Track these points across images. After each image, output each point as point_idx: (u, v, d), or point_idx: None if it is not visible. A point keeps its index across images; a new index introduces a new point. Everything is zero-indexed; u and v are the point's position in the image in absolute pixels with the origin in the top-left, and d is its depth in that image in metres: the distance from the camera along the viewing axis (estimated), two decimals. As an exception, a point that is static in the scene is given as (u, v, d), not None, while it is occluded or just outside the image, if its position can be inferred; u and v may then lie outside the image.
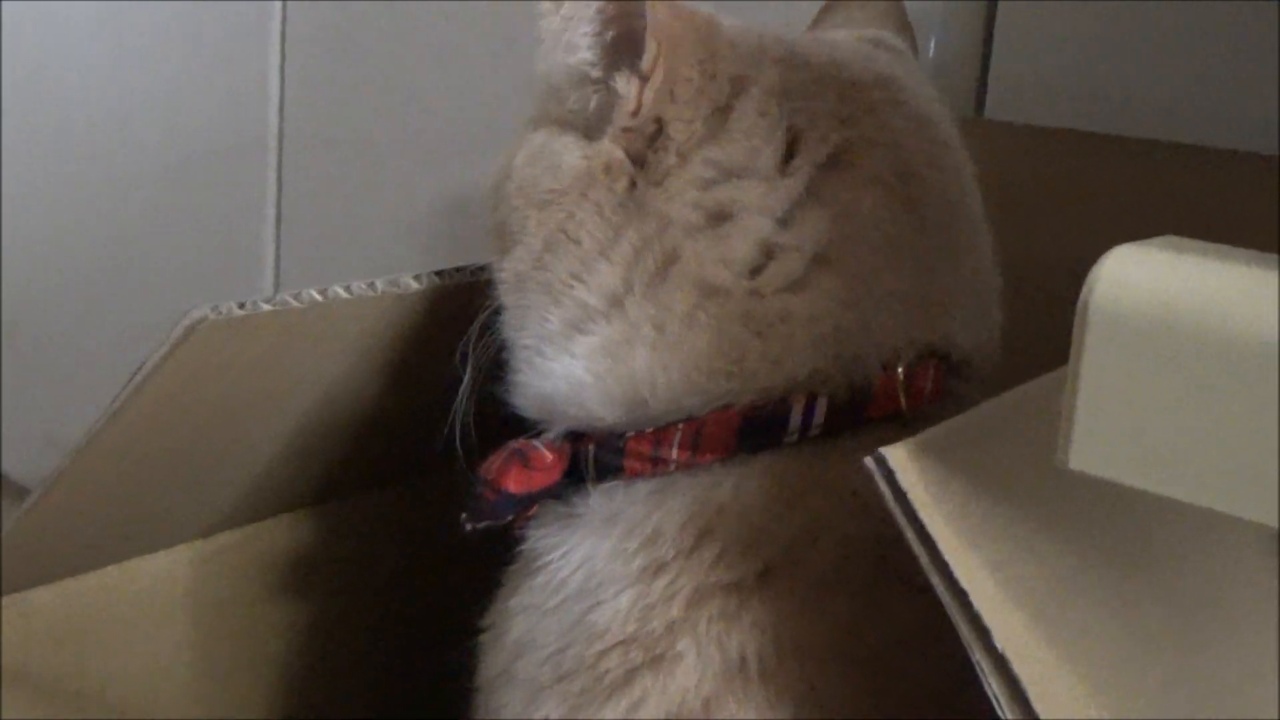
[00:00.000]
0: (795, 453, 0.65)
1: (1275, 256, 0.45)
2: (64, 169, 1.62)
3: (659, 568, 0.63)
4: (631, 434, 0.66)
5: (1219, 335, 0.42)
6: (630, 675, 0.62)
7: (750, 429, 0.65)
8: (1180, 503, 0.48)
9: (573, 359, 0.67)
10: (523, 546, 0.70)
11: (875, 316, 0.65)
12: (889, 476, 0.51)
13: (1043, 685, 0.49)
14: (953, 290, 0.68)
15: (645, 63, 0.65)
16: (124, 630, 0.81)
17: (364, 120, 1.33)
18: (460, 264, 0.77)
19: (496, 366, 0.71)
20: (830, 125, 0.67)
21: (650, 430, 0.65)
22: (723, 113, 0.66)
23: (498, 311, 0.71)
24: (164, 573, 0.83)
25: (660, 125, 0.66)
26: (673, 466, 0.65)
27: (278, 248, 1.41)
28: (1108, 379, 0.44)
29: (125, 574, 0.81)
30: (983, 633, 0.49)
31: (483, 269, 0.75)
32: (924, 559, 0.51)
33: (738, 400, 0.65)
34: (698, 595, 0.62)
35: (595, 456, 0.67)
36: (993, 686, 0.49)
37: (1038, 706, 0.48)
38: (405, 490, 0.91)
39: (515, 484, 0.68)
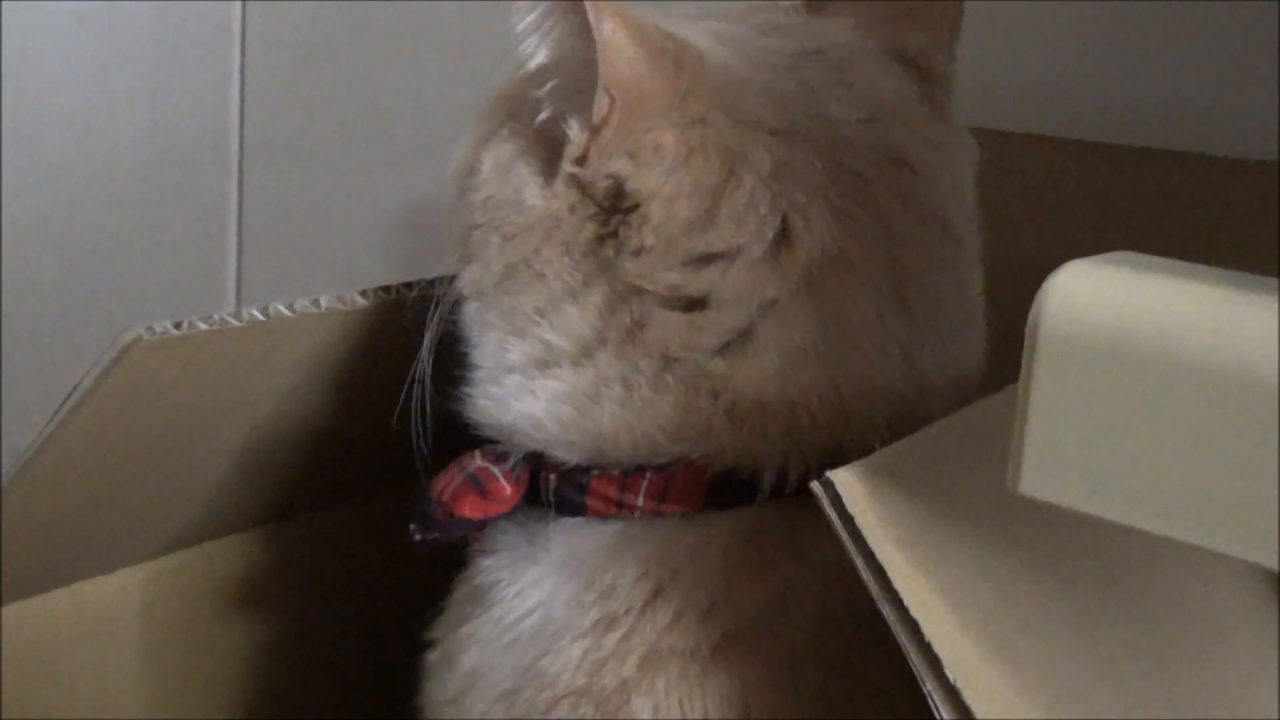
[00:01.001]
0: (766, 513, 0.61)
1: (1233, 274, 0.42)
2: (34, 170, 1.61)
3: (611, 622, 0.60)
4: (597, 473, 0.63)
5: (1174, 356, 0.40)
6: None
7: (721, 486, 0.61)
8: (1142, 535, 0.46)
9: (534, 399, 0.63)
10: (477, 570, 0.68)
11: (855, 407, 0.61)
12: (836, 502, 0.49)
13: (994, 712, 0.46)
14: (935, 372, 0.63)
15: (595, 116, 0.59)
16: (73, 655, 0.79)
17: (326, 124, 1.31)
18: (418, 272, 0.74)
19: (451, 378, 0.67)
20: (827, 224, 0.60)
21: (617, 473, 0.62)
22: (712, 195, 0.60)
23: (455, 307, 0.67)
24: (113, 596, 0.80)
25: (619, 185, 0.60)
26: (637, 514, 0.62)
27: (239, 250, 1.40)
28: (1059, 402, 0.41)
29: (74, 597, 0.79)
30: (934, 663, 0.47)
31: (433, 283, 0.72)
32: (874, 588, 0.48)
33: (707, 464, 0.61)
34: (652, 656, 0.59)
35: (557, 490, 0.64)
36: (941, 716, 0.46)
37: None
38: (356, 508, 0.89)
39: (470, 510, 0.65)
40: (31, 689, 0.78)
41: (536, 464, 0.65)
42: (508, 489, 0.65)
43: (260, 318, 0.67)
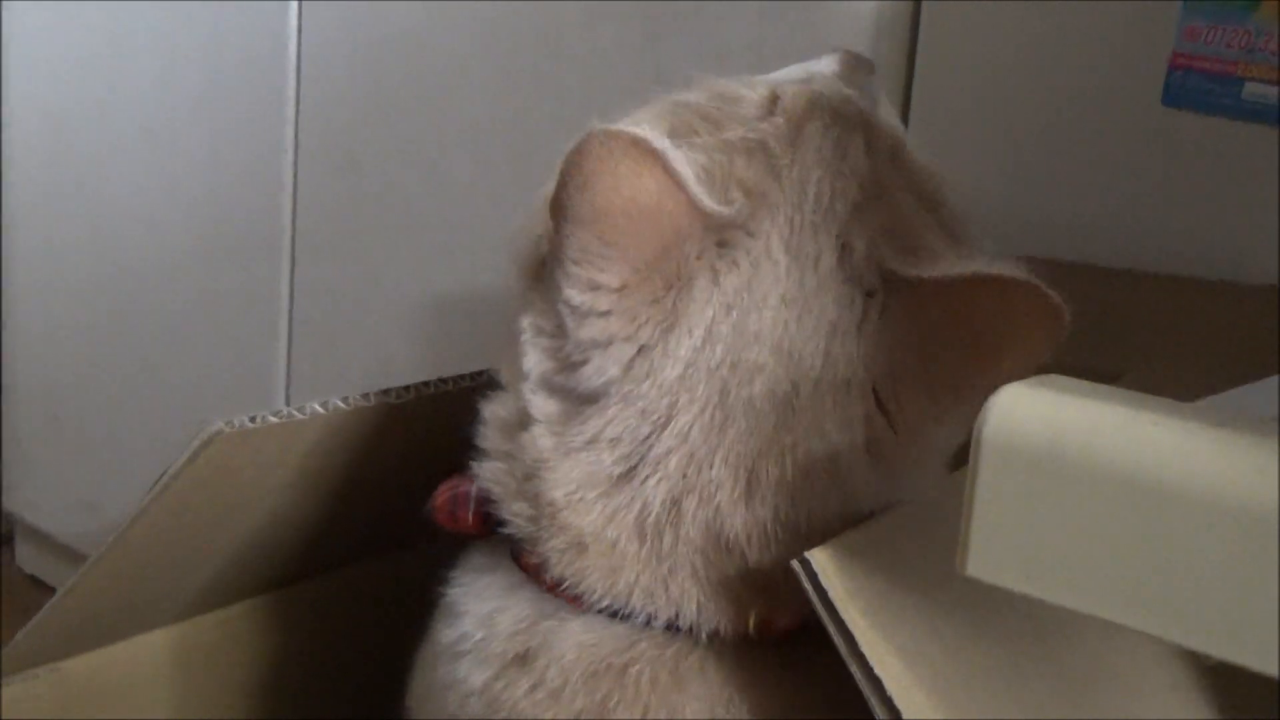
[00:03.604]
0: (640, 642, 0.60)
1: (1143, 395, 0.45)
2: (101, 265, 1.62)
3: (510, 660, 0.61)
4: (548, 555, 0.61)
5: (1091, 464, 0.43)
6: None
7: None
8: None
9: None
10: (447, 585, 0.67)
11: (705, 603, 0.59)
12: (812, 577, 0.52)
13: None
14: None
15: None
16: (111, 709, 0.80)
17: (366, 227, 1.32)
18: (440, 359, 0.76)
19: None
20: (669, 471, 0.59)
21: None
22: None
23: None
24: (146, 655, 0.81)
25: None
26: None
27: (290, 341, 1.40)
28: (998, 501, 0.44)
29: (114, 656, 0.80)
30: (894, 714, 0.49)
31: (447, 381, 0.75)
32: (843, 649, 0.51)
33: None
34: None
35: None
36: (902, 763, 0.49)
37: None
38: (358, 571, 0.89)
39: (446, 523, 0.66)
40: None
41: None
42: (470, 520, 0.65)
43: (320, 411, 0.69)
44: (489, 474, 0.63)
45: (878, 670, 0.50)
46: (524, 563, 0.62)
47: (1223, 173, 0.83)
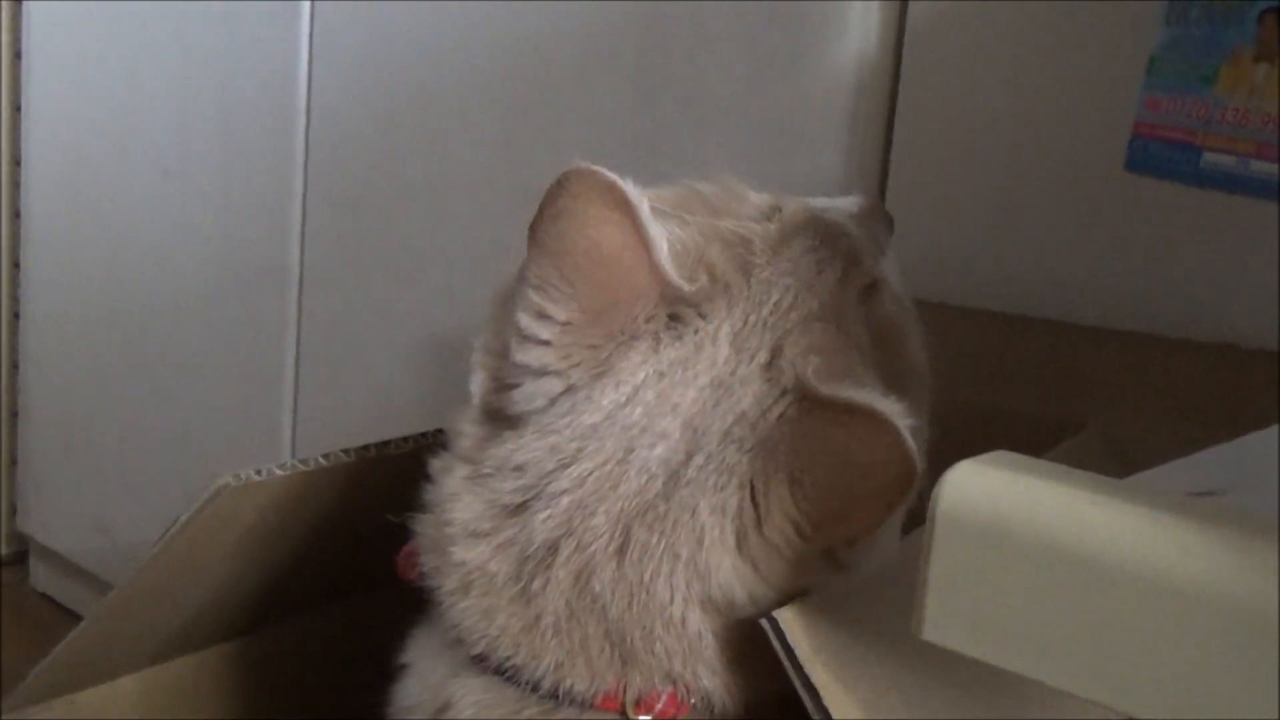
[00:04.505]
0: (529, 708, 0.61)
1: (1087, 474, 0.48)
2: (116, 298, 1.64)
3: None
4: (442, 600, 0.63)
5: (1036, 539, 0.45)
6: None
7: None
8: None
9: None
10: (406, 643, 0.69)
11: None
12: (779, 633, 0.54)
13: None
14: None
15: None
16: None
17: (370, 264, 1.35)
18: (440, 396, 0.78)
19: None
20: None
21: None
22: None
23: None
24: (112, 702, 0.81)
25: None
26: None
27: (296, 372, 1.42)
28: (950, 571, 0.46)
29: (71, 707, 0.80)
30: (856, 765, 0.51)
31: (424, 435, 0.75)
32: (808, 703, 0.53)
33: None
34: None
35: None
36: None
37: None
38: (323, 616, 0.90)
39: (406, 577, 0.67)
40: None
41: None
42: (415, 575, 0.66)
43: (324, 463, 0.72)
44: (420, 526, 0.65)
45: (839, 722, 0.52)
46: (446, 621, 0.64)
47: (1181, 234, 0.85)
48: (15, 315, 1.83)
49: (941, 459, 0.67)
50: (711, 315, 0.61)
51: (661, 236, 0.60)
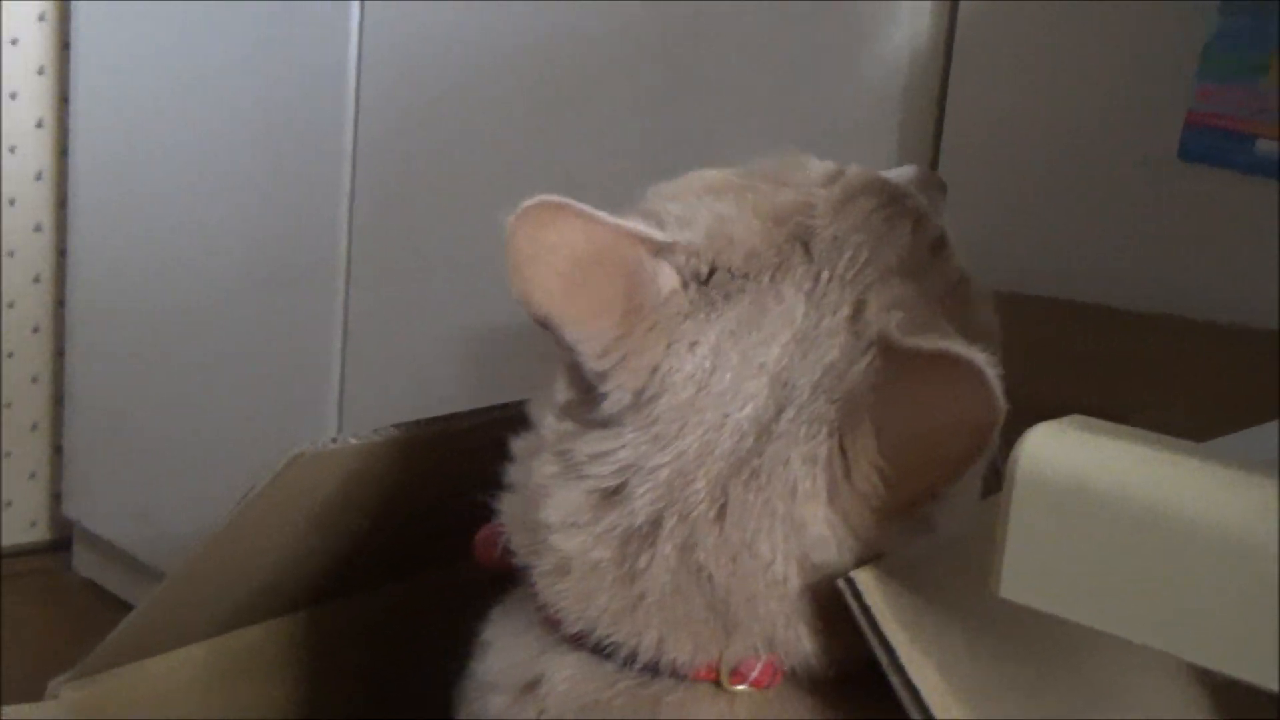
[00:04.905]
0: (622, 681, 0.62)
1: (1161, 436, 0.49)
2: (163, 289, 1.66)
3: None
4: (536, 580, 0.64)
5: (1112, 496, 0.46)
6: None
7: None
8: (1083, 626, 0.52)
9: None
10: (484, 624, 0.70)
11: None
12: (857, 595, 0.55)
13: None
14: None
15: None
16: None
17: (420, 256, 1.36)
18: (491, 388, 0.79)
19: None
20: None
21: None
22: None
23: None
24: (183, 668, 0.83)
25: None
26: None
27: (343, 365, 1.43)
28: (1028, 530, 0.48)
29: (150, 670, 0.81)
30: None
31: (508, 407, 0.76)
32: (884, 661, 0.54)
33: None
34: None
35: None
36: (937, 767, 0.52)
37: (974, 781, 0.52)
38: (392, 590, 0.90)
39: (483, 560, 0.69)
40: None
41: None
42: (498, 556, 0.67)
43: (395, 434, 0.73)
44: (505, 505, 0.66)
45: (916, 681, 0.53)
46: (534, 602, 0.65)
47: (1234, 223, 0.86)
48: (60, 303, 1.85)
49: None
50: (758, 274, 0.62)
51: (631, 218, 0.62)
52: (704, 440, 0.60)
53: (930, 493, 0.59)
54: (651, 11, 1.13)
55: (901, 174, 0.71)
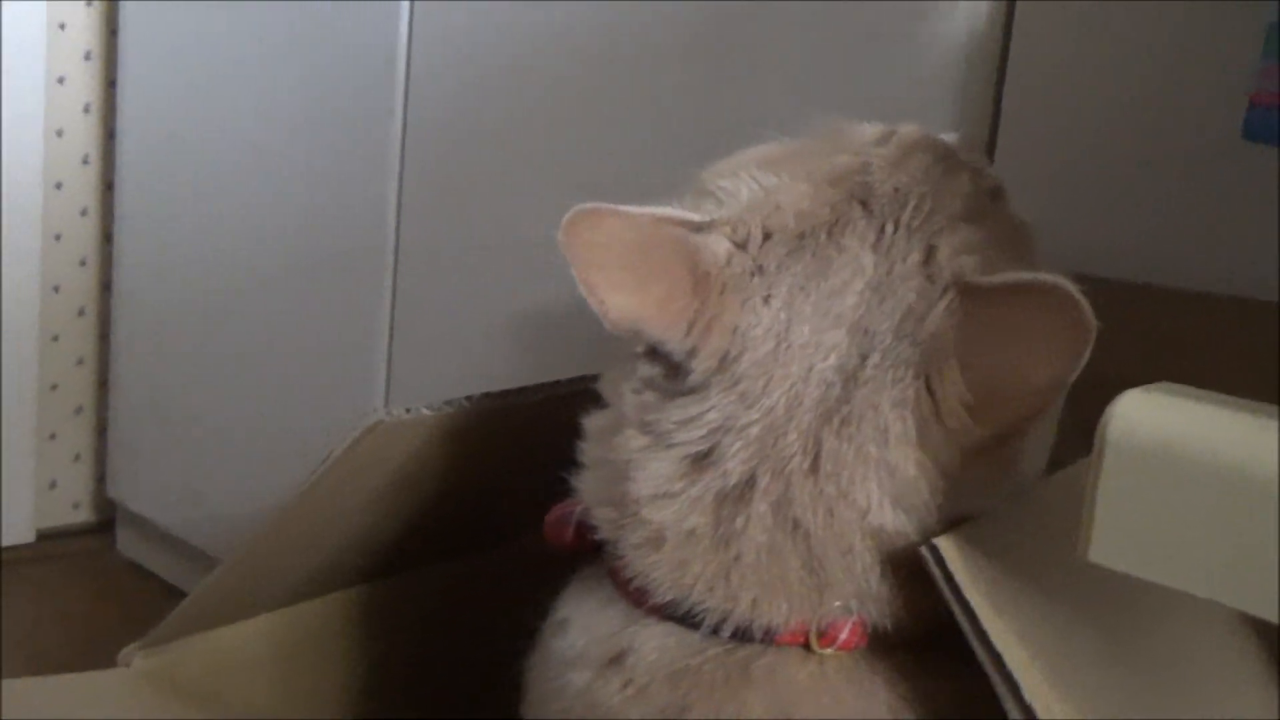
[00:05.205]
0: (711, 648, 0.63)
1: (1246, 401, 0.49)
2: (209, 271, 1.67)
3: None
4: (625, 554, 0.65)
5: (1200, 460, 0.47)
6: None
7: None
8: (1155, 592, 0.52)
9: None
10: (558, 604, 0.71)
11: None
12: (940, 561, 0.56)
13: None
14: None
15: None
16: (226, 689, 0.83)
17: (468, 239, 1.36)
18: (541, 369, 0.81)
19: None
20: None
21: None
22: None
23: None
24: (251, 639, 0.84)
25: None
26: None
27: (390, 348, 1.44)
28: (1119, 494, 0.48)
29: (218, 641, 0.83)
30: (1014, 687, 0.53)
31: (579, 381, 0.77)
32: (967, 627, 0.55)
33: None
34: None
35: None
36: (1021, 729, 0.53)
37: (1057, 746, 0.52)
38: (454, 565, 0.91)
39: (555, 541, 0.70)
40: (252, 690, 0.83)
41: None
42: (570, 537, 0.69)
43: (466, 405, 0.74)
44: (583, 483, 0.68)
45: (999, 648, 0.54)
46: (613, 577, 0.66)
47: (1227, 192, 0.87)
48: (105, 287, 1.87)
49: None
50: (813, 232, 0.64)
51: (675, 202, 0.65)
52: (791, 394, 0.61)
53: (1018, 427, 0.61)
54: (708, -6, 1.13)
55: (946, 138, 0.73)
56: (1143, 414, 0.49)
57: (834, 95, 1.07)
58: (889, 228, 0.64)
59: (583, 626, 0.67)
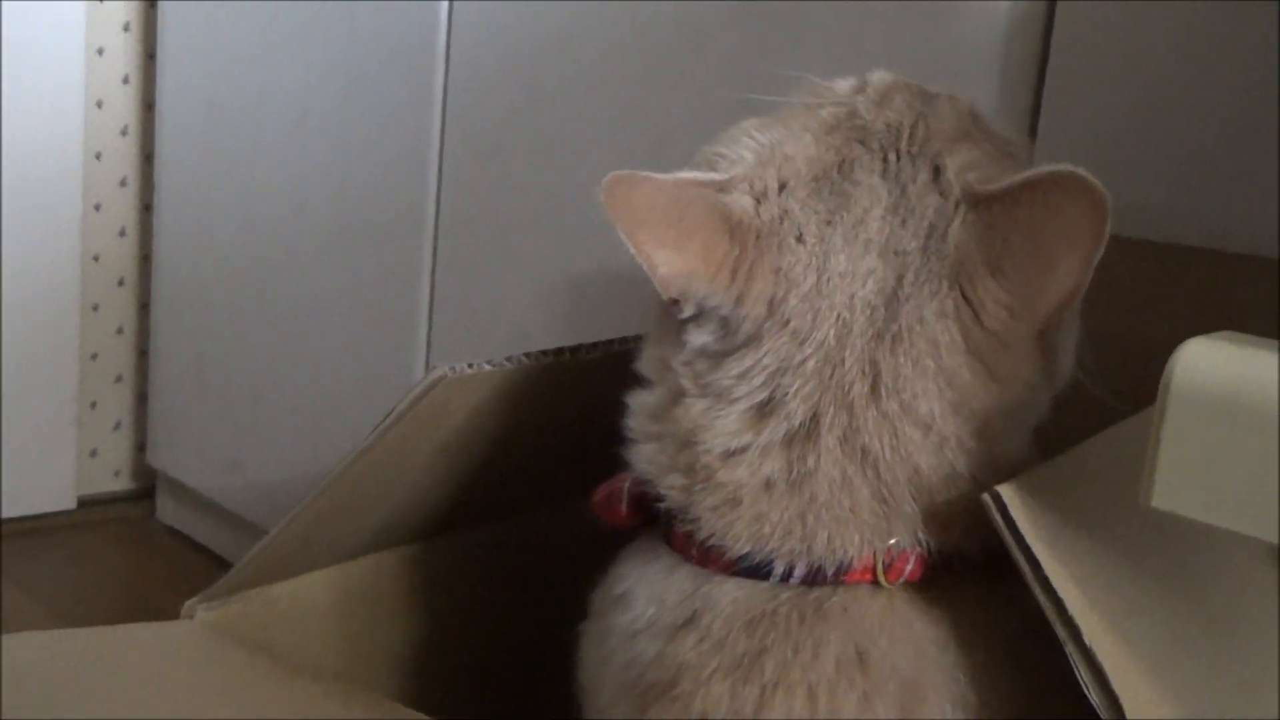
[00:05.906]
0: (783, 593, 0.64)
1: (1311, 349, 0.50)
2: (249, 241, 1.68)
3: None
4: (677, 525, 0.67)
5: (1268, 409, 0.48)
6: None
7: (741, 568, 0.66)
8: (1213, 546, 0.54)
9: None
10: (614, 578, 0.72)
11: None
12: (1002, 509, 0.57)
13: (1118, 672, 0.54)
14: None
15: None
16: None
17: (506, 207, 1.37)
18: (579, 334, 0.82)
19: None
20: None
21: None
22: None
23: None
24: (308, 592, 0.85)
25: None
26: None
27: (430, 316, 1.45)
28: (1183, 441, 0.50)
29: (276, 595, 0.84)
30: (1074, 631, 0.55)
31: (628, 341, 0.78)
32: (1028, 573, 0.56)
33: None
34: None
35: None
36: (1082, 673, 0.54)
37: (1116, 688, 0.53)
38: (506, 526, 0.93)
39: (610, 519, 0.71)
40: (306, 644, 0.85)
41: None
42: (624, 511, 0.71)
43: (525, 362, 0.75)
44: (641, 456, 0.69)
45: (1060, 594, 0.55)
46: (676, 544, 0.68)
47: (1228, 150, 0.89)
48: (145, 257, 1.89)
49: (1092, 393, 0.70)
50: (826, 172, 0.67)
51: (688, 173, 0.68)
52: (840, 323, 0.64)
53: (1056, 316, 0.64)
54: (747, -36, 1.14)
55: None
56: (1206, 361, 0.50)
57: (877, 63, 1.07)
58: (892, 157, 0.67)
59: (649, 597, 0.68)
